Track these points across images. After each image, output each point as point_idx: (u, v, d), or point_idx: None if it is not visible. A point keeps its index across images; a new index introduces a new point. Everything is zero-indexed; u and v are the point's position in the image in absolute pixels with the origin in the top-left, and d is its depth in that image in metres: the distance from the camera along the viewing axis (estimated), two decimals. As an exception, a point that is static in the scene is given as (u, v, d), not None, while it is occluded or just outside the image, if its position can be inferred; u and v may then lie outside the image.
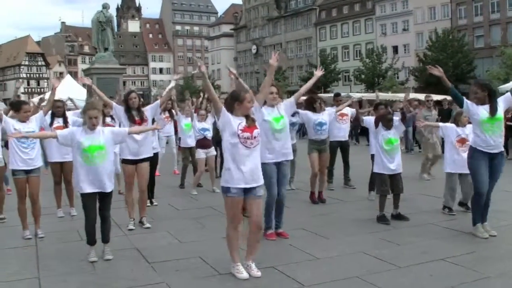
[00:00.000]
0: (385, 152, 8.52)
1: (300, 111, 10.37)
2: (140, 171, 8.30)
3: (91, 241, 6.65)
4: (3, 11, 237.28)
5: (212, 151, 11.66)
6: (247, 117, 5.88)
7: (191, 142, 12.04)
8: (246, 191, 5.79)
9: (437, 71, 7.46)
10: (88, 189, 6.48)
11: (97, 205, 6.63)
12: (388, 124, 8.60)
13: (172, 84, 8.95)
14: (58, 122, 9.21)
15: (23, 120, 7.84)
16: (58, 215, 9.23)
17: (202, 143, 11.45)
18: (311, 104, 10.30)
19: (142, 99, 9.20)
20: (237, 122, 5.79)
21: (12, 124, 7.77)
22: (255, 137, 5.81)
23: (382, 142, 8.54)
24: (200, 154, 11.52)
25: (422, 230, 7.90)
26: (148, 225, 8.34)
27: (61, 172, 9.34)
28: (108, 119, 10.97)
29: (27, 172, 7.79)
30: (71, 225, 8.61)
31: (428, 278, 5.83)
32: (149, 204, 9.51)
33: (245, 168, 5.74)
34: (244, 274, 5.78)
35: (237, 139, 5.74)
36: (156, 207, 9.92)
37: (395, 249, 6.98)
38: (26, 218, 7.89)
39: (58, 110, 9.30)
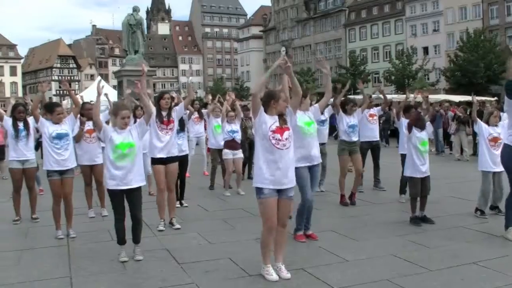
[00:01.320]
0: (420, 153, 8.43)
1: (340, 113, 10.38)
2: (169, 171, 8.35)
3: (121, 241, 6.74)
4: (36, 15, 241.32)
5: (239, 153, 11.63)
6: (280, 116, 5.90)
7: (220, 143, 12.05)
8: (279, 192, 5.81)
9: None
10: (115, 185, 6.58)
11: (126, 205, 6.73)
12: (423, 125, 8.55)
13: (186, 81, 8.88)
14: (89, 125, 9.30)
15: (57, 122, 7.95)
16: (89, 216, 9.34)
17: (230, 144, 11.46)
18: (343, 106, 10.36)
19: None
20: (270, 122, 5.82)
21: (46, 126, 7.88)
22: (286, 139, 5.81)
23: (417, 143, 8.45)
24: (228, 154, 11.54)
25: (453, 233, 7.81)
26: (178, 226, 8.39)
27: (91, 174, 9.45)
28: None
29: (61, 173, 7.90)
30: (102, 225, 8.70)
31: (459, 282, 5.77)
32: (178, 205, 9.58)
33: (277, 170, 5.75)
34: (274, 276, 5.78)
35: (268, 140, 5.76)
36: (186, 208, 9.97)
37: (426, 252, 6.92)
38: (59, 219, 8.00)
39: (88, 112, 9.39)
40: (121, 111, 6.63)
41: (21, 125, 8.82)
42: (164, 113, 8.28)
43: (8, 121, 8.88)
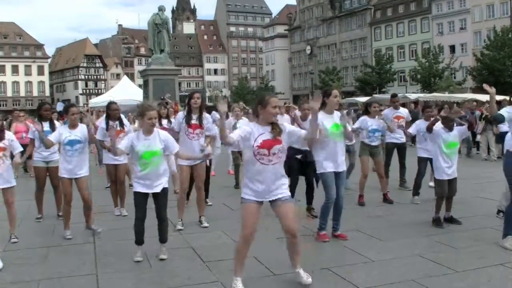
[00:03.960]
0: (445, 155, 8.23)
1: (363, 117, 10.33)
2: (197, 170, 8.36)
3: (139, 241, 6.70)
4: (63, 15, 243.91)
5: None
6: (274, 126, 5.39)
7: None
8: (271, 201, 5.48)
9: None
10: (140, 189, 6.58)
11: (148, 205, 6.73)
12: (450, 125, 8.36)
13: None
14: (114, 126, 9.31)
15: (73, 124, 7.90)
16: (115, 213, 9.43)
17: None
18: (366, 108, 10.38)
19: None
20: (257, 134, 5.33)
21: (61, 132, 7.88)
22: (274, 154, 5.31)
23: (442, 145, 8.25)
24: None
25: (480, 234, 7.72)
26: (206, 224, 8.43)
27: (116, 172, 9.50)
28: (164, 121, 11.08)
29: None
30: (128, 223, 8.71)
31: (486, 283, 5.70)
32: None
33: (260, 185, 5.35)
34: None
35: (252, 153, 5.33)
36: (211, 207, 10.00)
37: (452, 252, 6.85)
38: (69, 218, 8.02)
39: (115, 112, 9.41)
40: (147, 112, 6.51)
41: (46, 125, 8.88)
42: (194, 116, 8.23)
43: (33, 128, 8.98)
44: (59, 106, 28.55)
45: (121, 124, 9.36)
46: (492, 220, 8.54)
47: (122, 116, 9.71)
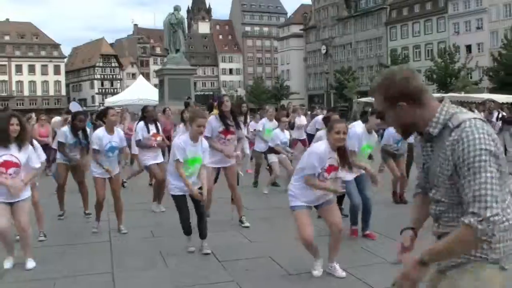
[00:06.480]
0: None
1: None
2: (228, 172, 8.40)
3: (186, 233, 6.92)
4: (80, 15, 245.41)
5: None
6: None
7: (265, 147, 11.95)
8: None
9: None
10: (178, 192, 6.71)
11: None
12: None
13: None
14: (152, 129, 9.55)
15: (110, 129, 7.91)
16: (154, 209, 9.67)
17: (274, 149, 11.45)
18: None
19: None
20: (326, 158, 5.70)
21: (101, 136, 7.82)
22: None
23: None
24: (272, 158, 11.53)
25: (498, 235, 7.64)
26: (247, 224, 8.41)
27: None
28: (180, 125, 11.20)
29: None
30: (143, 222, 8.79)
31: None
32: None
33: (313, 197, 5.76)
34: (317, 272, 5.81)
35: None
36: (227, 206, 9.98)
37: (469, 253, 6.78)
38: (100, 213, 8.20)
39: (150, 115, 9.66)
40: (197, 119, 6.56)
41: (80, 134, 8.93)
42: (229, 122, 8.17)
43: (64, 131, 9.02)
44: (73, 106, 28.43)
45: (157, 127, 9.68)
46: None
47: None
